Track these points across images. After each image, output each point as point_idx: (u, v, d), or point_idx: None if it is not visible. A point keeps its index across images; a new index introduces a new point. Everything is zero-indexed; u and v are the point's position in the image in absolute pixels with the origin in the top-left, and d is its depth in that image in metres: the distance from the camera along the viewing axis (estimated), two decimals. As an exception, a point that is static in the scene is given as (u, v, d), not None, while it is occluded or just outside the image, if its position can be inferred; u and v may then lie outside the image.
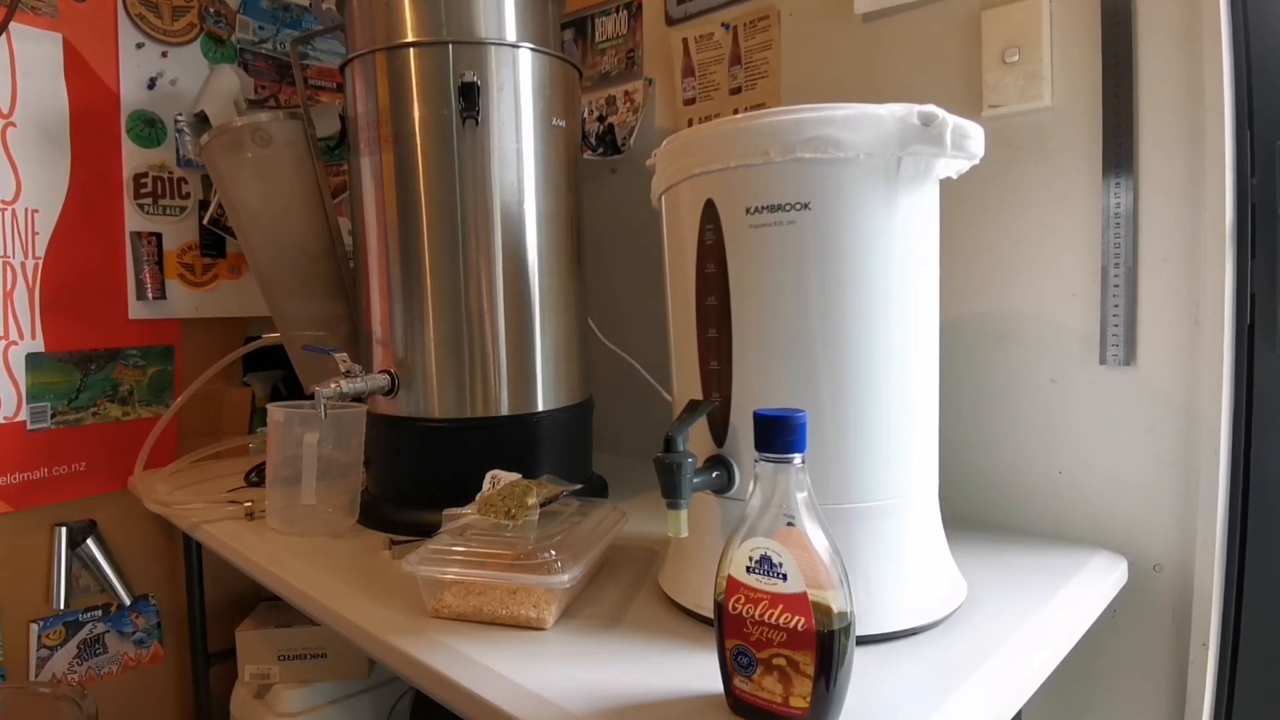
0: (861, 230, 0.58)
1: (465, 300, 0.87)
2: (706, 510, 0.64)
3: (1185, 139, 0.74)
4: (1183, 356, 0.75)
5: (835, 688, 0.46)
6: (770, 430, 0.48)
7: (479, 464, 0.77)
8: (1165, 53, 0.74)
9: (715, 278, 0.62)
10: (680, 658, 0.57)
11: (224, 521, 0.96)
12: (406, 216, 0.88)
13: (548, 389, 0.92)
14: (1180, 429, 0.75)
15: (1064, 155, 0.80)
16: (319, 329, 1.06)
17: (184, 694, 1.31)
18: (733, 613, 0.48)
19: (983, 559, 0.74)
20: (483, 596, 0.64)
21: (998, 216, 0.85)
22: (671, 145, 0.66)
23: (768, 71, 1.05)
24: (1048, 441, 0.83)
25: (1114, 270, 0.78)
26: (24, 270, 1.12)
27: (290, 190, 1.04)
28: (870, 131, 0.57)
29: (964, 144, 0.58)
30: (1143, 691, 0.78)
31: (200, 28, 1.29)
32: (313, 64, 1.45)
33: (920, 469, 0.63)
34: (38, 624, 1.15)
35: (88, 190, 1.17)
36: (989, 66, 0.84)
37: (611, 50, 1.25)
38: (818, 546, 0.46)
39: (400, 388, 0.90)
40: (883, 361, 0.59)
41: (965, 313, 0.88)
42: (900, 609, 0.59)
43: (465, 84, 0.84)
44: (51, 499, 1.16)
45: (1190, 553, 0.75)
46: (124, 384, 1.23)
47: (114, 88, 1.20)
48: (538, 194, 0.90)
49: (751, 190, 0.59)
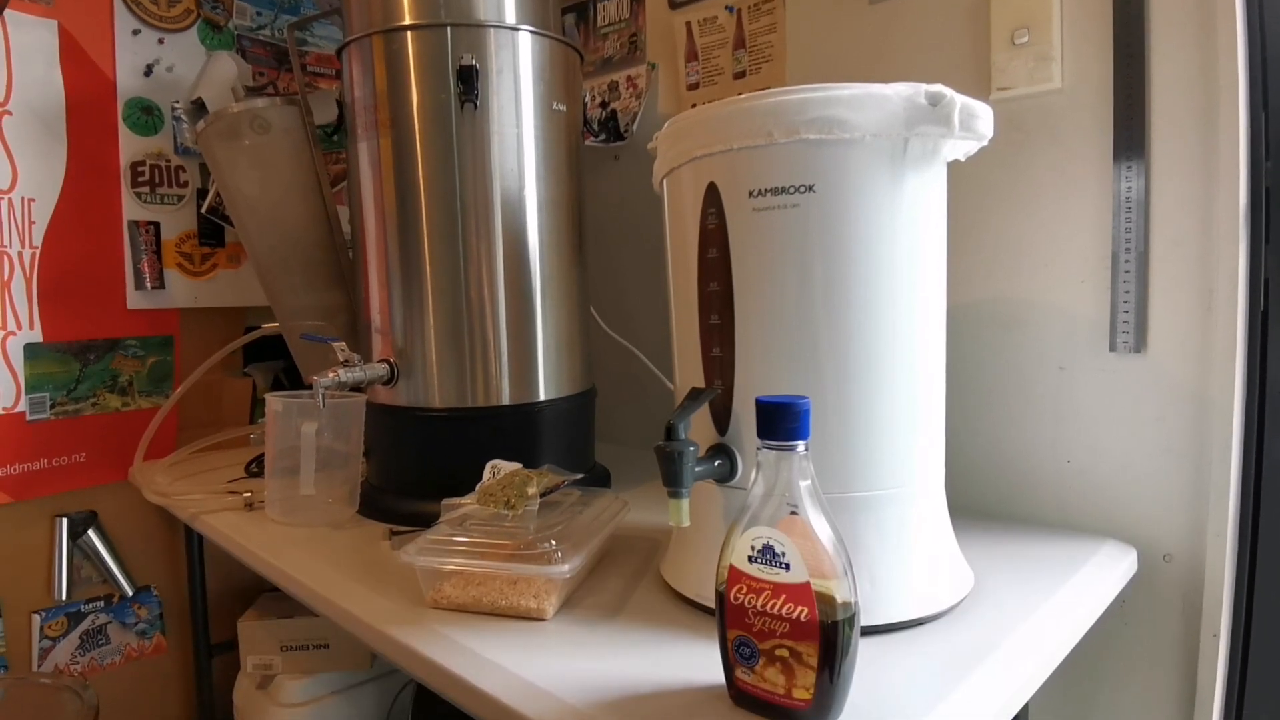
0: (867, 213, 0.57)
1: (465, 288, 0.86)
2: (709, 499, 0.63)
3: (1198, 122, 0.72)
4: (1194, 343, 0.74)
5: (839, 679, 0.45)
6: (773, 418, 0.47)
7: (479, 454, 0.76)
8: (1178, 34, 0.73)
9: (718, 263, 0.61)
10: (682, 648, 0.57)
11: (223, 512, 0.95)
12: (405, 203, 0.87)
13: (549, 378, 0.91)
14: (1191, 417, 0.74)
15: (1074, 138, 0.79)
16: (318, 318, 1.05)
17: (186, 685, 1.31)
18: (735, 603, 0.47)
19: (990, 549, 0.73)
20: (482, 587, 0.64)
21: (1006, 201, 0.84)
22: (673, 127, 0.64)
23: (772, 55, 1.03)
24: (1056, 430, 0.82)
25: (1125, 256, 0.76)
26: (21, 260, 1.11)
27: (288, 178, 1.03)
28: (876, 111, 0.55)
29: (972, 124, 0.56)
30: (1152, 682, 0.78)
31: (197, 14, 1.27)
32: (310, 50, 1.43)
33: (926, 457, 0.62)
34: (40, 615, 1.15)
35: (84, 179, 1.17)
36: (998, 48, 0.82)
37: (614, 35, 1.23)
38: (821, 536, 0.45)
39: (400, 377, 0.89)
40: (888, 348, 0.58)
41: (973, 299, 0.86)
42: (905, 599, 0.58)
43: (464, 67, 0.83)
44: (52, 490, 1.16)
45: (1201, 543, 0.74)
46: (123, 374, 1.22)
47: (110, 75, 1.19)
48: (538, 179, 0.89)
49: (755, 173, 0.58)
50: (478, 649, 0.57)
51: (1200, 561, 0.74)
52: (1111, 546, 0.75)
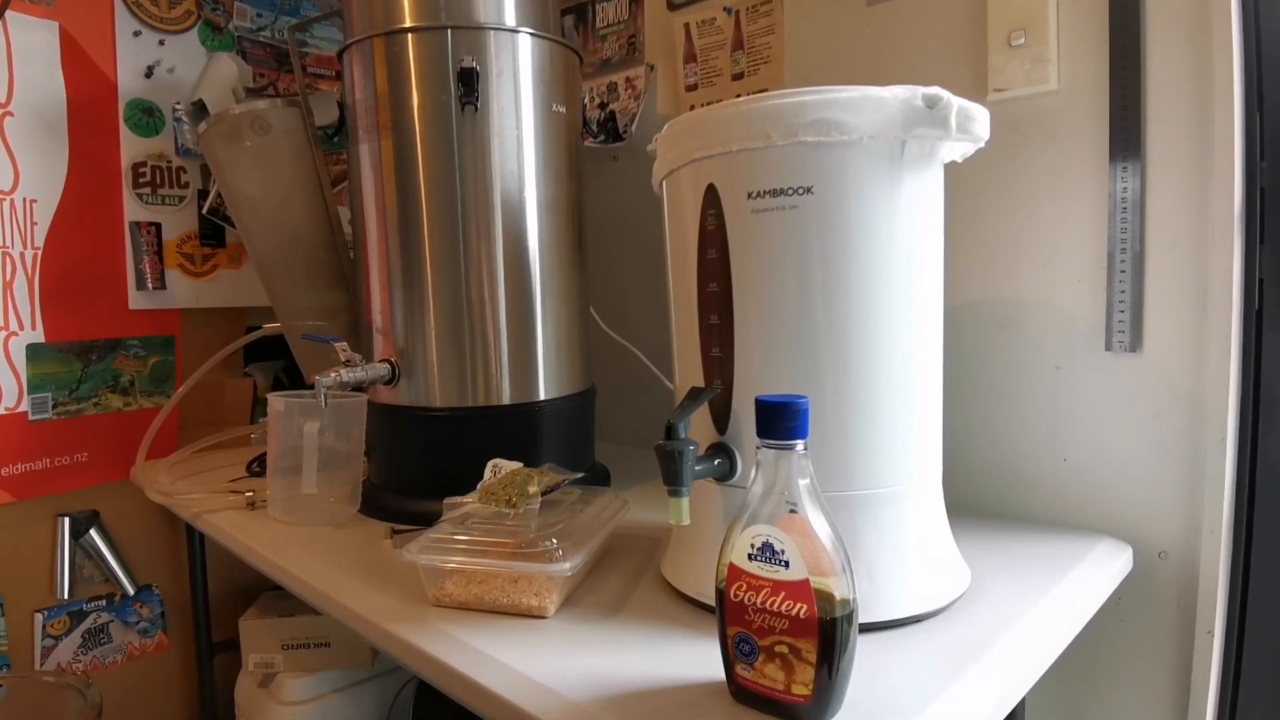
0: (865, 215, 0.57)
1: (466, 289, 0.87)
2: (708, 498, 0.64)
3: (1194, 123, 0.73)
4: (1190, 343, 0.74)
5: (837, 675, 0.46)
6: (772, 417, 0.47)
7: (480, 453, 0.76)
8: (1174, 36, 0.73)
9: (717, 264, 0.61)
10: (682, 645, 0.57)
11: (225, 511, 0.96)
12: (406, 204, 0.87)
13: (549, 377, 0.91)
14: (1187, 416, 0.75)
15: (1070, 140, 0.80)
16: (319, 318, 1.05)
17: (188, 683, 1.32)
18: (734, 600, 0.48)
19: (986, 546, 0.74)
20: (484, 585, 0.64)
21: (1003, 202, 0.84)
22: (672, 129, 0.65)
23: (770, 56, 1.03)
24: (1052, 428, 0.83)
25: (1120, 256, 0.77)
26: (23, 261, 1.11)
27: (289, 179, 1.03)
28: (874, 114, 0.56)
29: (969, 127, 0.57)
30: (1147, 679, 0.78)
31: (198, 15, 1.28)
32: (311, 52, 1.44)
33: (924, 456, 0.62)
34: (42, 613, 1.15)
35: (86, 180, 1.17)
36: (994, 50, 0.82)
37: (613, 36, 1.24)
38: (820, 533, 0.46)
39: (401, 377, 0.89)
40: (886, 348, 0.59)
41: (970, 299, 0.87)
42: (903, 596, 0.59)
43: (464, 69, 0.83)
44: (54, 489, 1.16)
45: (1196, 540, 0.74)
46: (125, 374, 1.22)
47: (111, 76, 1.19)
48: (538, 181, 0.89)
49: (753, 174, 0.59)
50: (480, 646, 0.58)
51: (1195, 558, 0.74)
52: (1107, 544, 0.75)
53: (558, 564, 0.61)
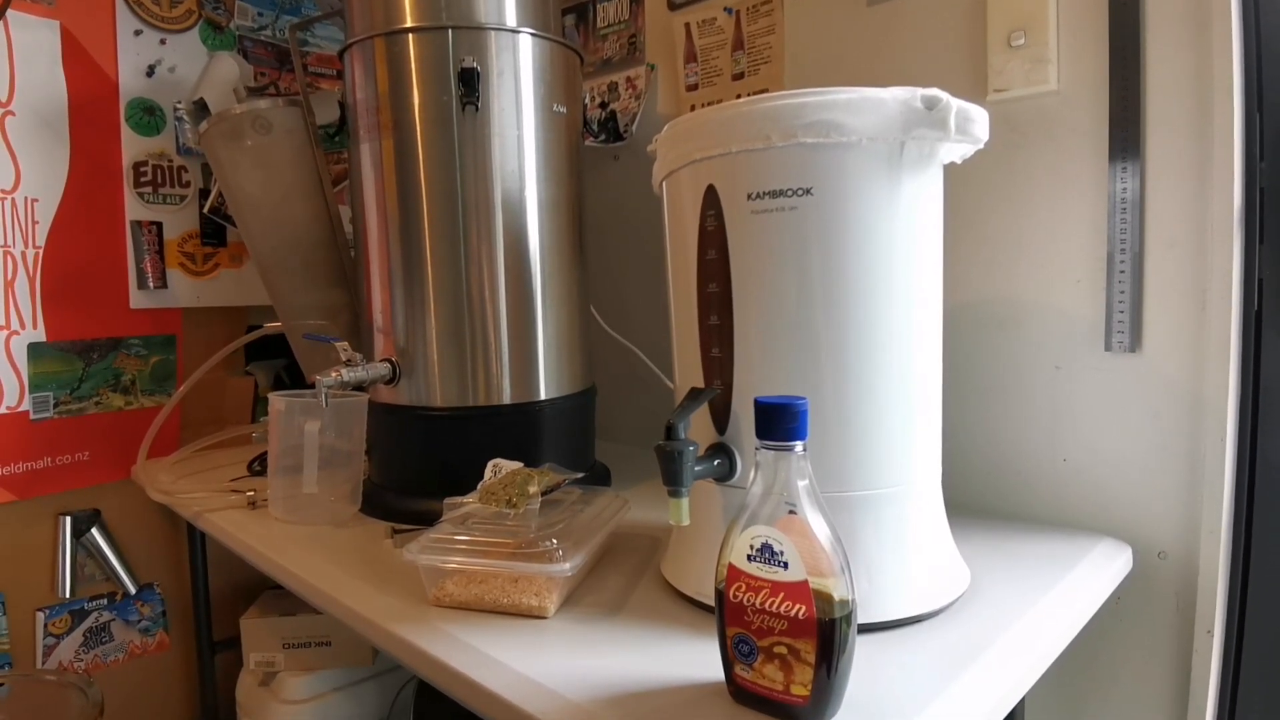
0: (864, 216, 0.57)
1: (466, 288, 0.87)
2: (708, 498, 0.64)
3: (1193, 123, 0.73)
4: (1189, 343, 0.74)
5: (836, 676, 0.46)
6: (771, 418, 0.47)
7: (481, 453, 0.76)
8: (1173, 35, 0.73)
9: (717, 264, 0.61)
10: (682, 646, 0.57)
11: (226, 510, 0.96)
12: (407, 204, 0.87)
13: (550, 377, 0.92)
14: (1186, 416, 0.75)
15: (1070, 140, 0.80)
16: (320, 317, 1.06)
17: (189, 682, 1.32)
18: (734, 601, 0.48)
19: (986, 546, 0.74)
20: (484, 585, 0.64)
21: (1002, 202, 0.84)
22: (673, 130, 0.65)
23: (771, 57, 1.03)
24: (1052, 428, 0.83)
25: (1120, 256, 0.77)
26: (24, 259, 1.12)
27: (290, 178, 1.03)
28: (873, 115, 0.56)
29: (968, 128, 0.57)
30: (1147, 678, 0.78)
31: (199, 14, 1.28)
32: (312, 51, 1.44)
33: (923, 456, 0.62)
34: (44, 612, 1.16)
35: (87, 179, 1.17)
36: (994, 50, 0.82)
37: (613, 36, 1.24)
38: (819, 534, 0.46)
39: (401, 376, 0.89)
40: (885, 348, 0.59)
41: (969, 299, 0.87)
42: (902, 597, 0.59)
43: (465, 69, 0.83)
44: (55, 488, 1.16)
45: (1195, 540, 0.74)
46: (126, 373, 1.23)
47: (112, 75, 1.19)
48: (539, 181, 0.89)
49: (753, 175, 0.59)
50: (480, 646, 0.58)
51: (1194, 558, 0.74)
52: (1107, 544, 0.75)
53: (558, 564, 0.61)
